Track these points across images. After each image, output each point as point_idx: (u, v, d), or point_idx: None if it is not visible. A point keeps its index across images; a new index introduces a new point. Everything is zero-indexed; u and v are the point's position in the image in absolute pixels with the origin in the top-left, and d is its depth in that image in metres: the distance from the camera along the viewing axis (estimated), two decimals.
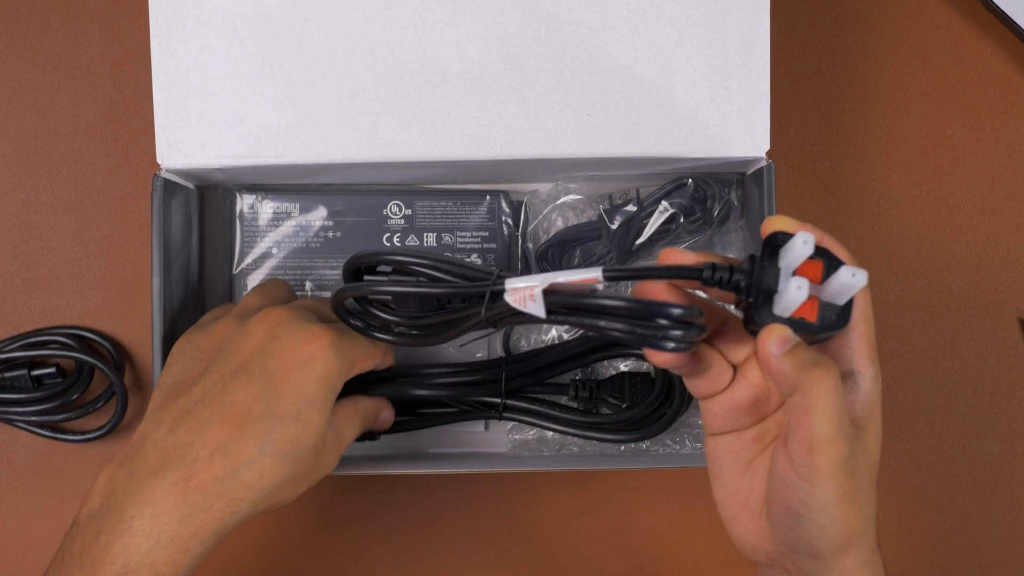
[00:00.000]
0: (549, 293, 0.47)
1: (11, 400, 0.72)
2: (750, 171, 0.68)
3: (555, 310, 0.48)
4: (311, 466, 0.53)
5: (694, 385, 0.50)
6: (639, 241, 0.69)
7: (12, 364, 0.72)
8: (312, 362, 0.53)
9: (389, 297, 0.55)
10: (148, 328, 0.65)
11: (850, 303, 0.46)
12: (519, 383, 0.67)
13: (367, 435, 0.65)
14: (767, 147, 0.64)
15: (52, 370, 0.72)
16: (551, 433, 0.71)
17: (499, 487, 0.75)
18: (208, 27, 0.64)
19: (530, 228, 0.71)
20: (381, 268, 0.57)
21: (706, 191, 0.68)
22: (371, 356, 0.58)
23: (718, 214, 0.68)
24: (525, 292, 0.47)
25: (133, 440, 0.53)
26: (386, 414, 0.63)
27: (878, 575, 0.48)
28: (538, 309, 0.47)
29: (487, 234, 0.71)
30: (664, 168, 0.67)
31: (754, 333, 0.46)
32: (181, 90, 0.64)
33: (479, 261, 0.71)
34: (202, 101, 0.64)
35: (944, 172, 0.76)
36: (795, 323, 0.45)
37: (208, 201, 0.73)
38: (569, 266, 0.71)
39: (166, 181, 0.65)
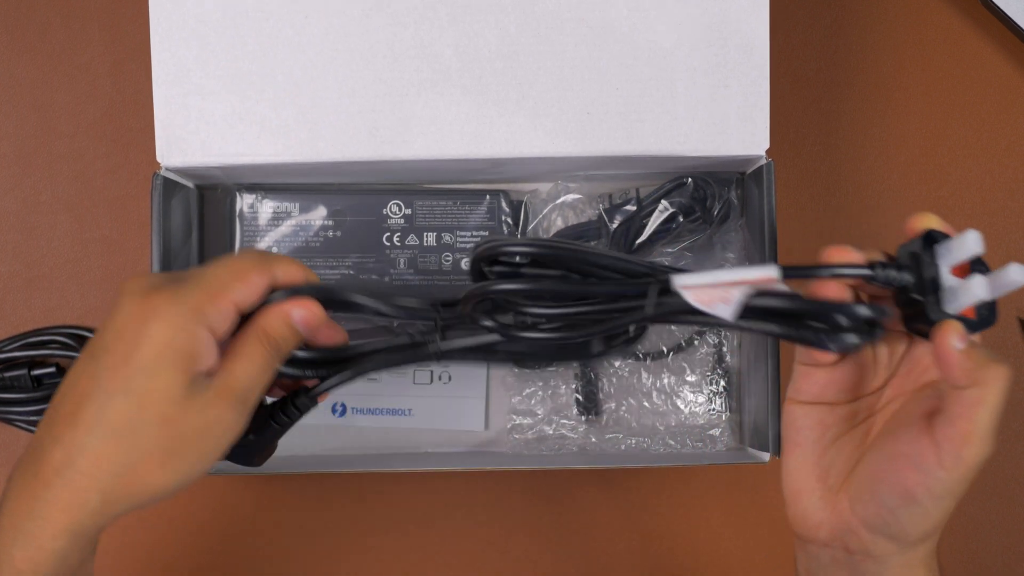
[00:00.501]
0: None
1: (11, 400, 0.72)
2: (750, 170, 0.68)
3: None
4: (169, 437, 0.47)
5: (809, 353, 0.50)
6: (639, 240, 0.69)
7: (12, 364, 0.72)
8: (143, 325, 0.46)
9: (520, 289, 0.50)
10: None
11: (995, 301, 0.46)
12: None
13: (297, 403, 0.54)
14: (767, 145, 0.64)
15: (52, 370, 0.72)
16: (551, 431, 0.72)
17: (499, 486, 0.75)
18: (208, 25, 0.64)
19: (530, 228, 0.71)
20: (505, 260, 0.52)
21: (706, 190, 0.68)
22: (241, 282, 0.49)
23: (718, 213, 0.68)
24: (717, 292, 0.45)
25: None
26: (302, 311, 0.50)
27: (936, 566, 0.50)
28: (729, 312, 0.45)
29: (487, 234, 0.71)
30: (664, 167, 0.67)
31: (919, 332, 0.47)
32: (181, 89, 0.64)
33: None
34: (202, 99, 0.64)
35: (944, 172, 0.76)
36: (962, 320, 0.46)
37: (208, 200, 0.73)
38: None
39: (166, 180, 0.65)
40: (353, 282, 0.52)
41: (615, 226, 0.69)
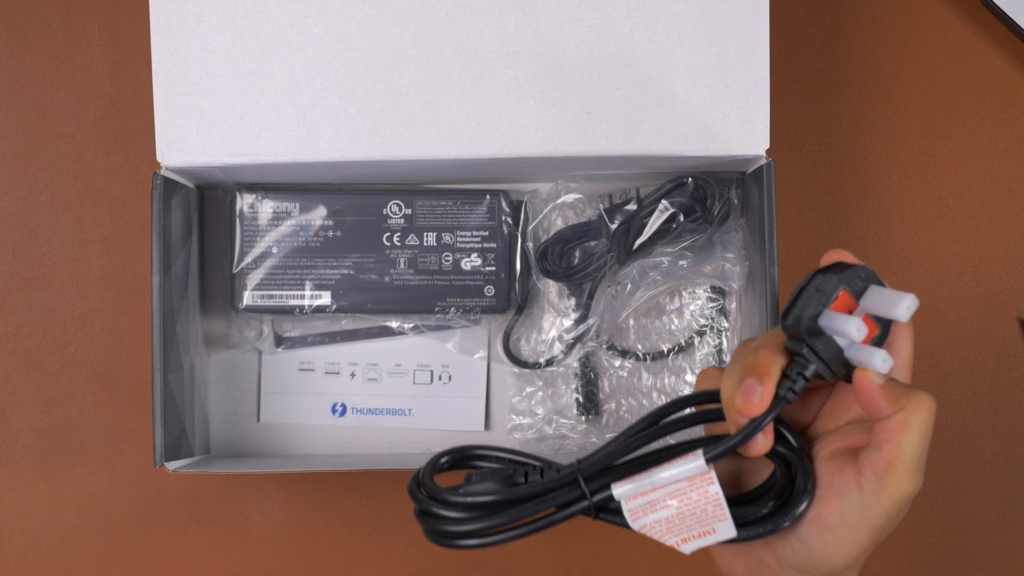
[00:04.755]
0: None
1: None
2: (750, 170, 0.68)
3: None
4: None
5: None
6: (640, 240, 0.69)
7: None
8: None
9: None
10: (148, 328, 0.65)
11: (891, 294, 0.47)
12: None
13: None
14: (767, 145, 0.64)
15: None
16: (551, 431, 0.72)
17: None
18: (208, 25, 0.64)
19: (530, 227, 0.71)
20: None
21: (706, 190, 0.68)
22: None
23: (718, 213, 0.68)
24: (651, 498, 0.47)
25: None
26: None
27: None
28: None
29: (487, 233, 0.71)
30: (664, 166, 0.67)
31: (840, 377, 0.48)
32: (181, 88, 0.64)
33: (479, 261, 0.71)
34: (202, 99, 0.64)
35: (944, 172, 0.76)
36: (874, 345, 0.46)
37: (208, 200, 0.73)
38: (569, 266, 0.71)
39: (166, 180, 0.65)
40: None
41: (615, 226, 0.69)
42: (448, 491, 0.50)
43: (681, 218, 0.68)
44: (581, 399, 0.72)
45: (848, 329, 0.45)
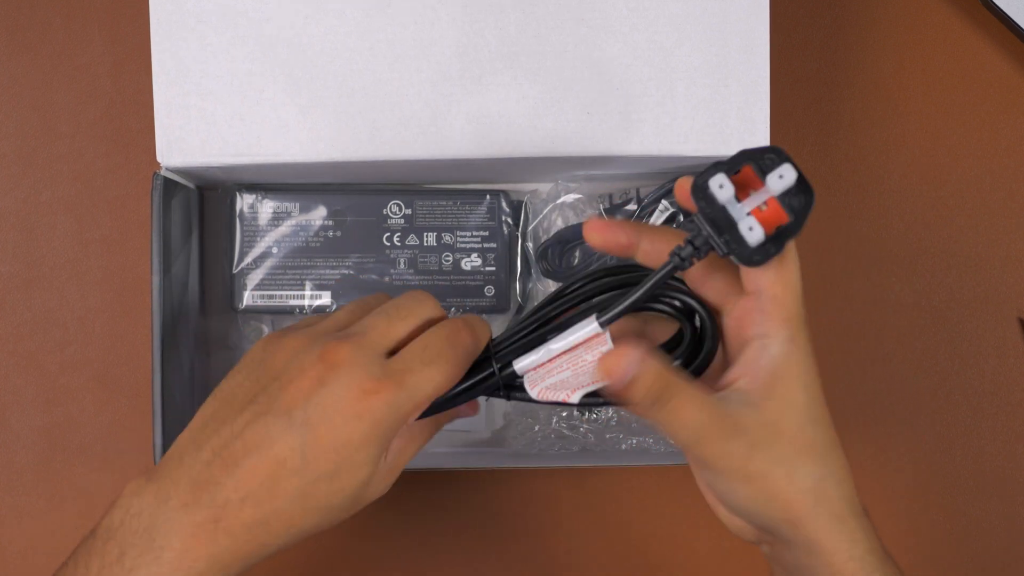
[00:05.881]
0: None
1: None
2: None
3: None
4: (348, 510, 0.51)
5: None
6: None
7: None
8: (358, 421, 0.48)
9: None
10: (148, 328, 0.65)
11: (801, 180, 0.47)
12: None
13: None
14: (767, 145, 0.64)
15: None
16: (551, 431, 0.72)
17: (499, 486, 0.75)
18: (208, 25, 0.64)
19: (530, 228, 0.71)
20: None
21: None
22: (437, 392, 0.51)
23: None
24: (552, 372, 0.49)
25: (170, 454, 0.50)
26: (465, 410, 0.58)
27: (859, 536, 0.51)
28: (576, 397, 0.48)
29: (487, 234, 0.71)
30: (664, 166, 0.67)
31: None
32: (181, 88, 0.64)
33: (479, 261, 0.71)
34: (202, 99, 0.64)
35: (944, 172, 0.76)
36: (779, 233, 0.46)
37: (208, 201, 0.73)
38: (568, 266, 0.71)
39: (166, 180, 0.65)
40: None
41: None
42: None
43: (681, 218, 0.68)
44: None
45: (720, 186, 0.44)
